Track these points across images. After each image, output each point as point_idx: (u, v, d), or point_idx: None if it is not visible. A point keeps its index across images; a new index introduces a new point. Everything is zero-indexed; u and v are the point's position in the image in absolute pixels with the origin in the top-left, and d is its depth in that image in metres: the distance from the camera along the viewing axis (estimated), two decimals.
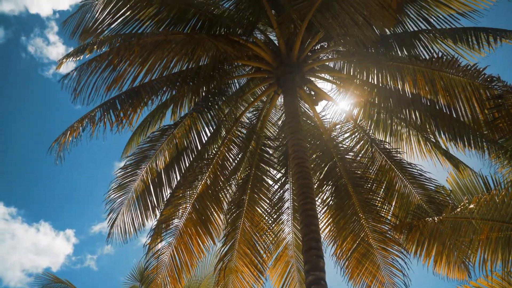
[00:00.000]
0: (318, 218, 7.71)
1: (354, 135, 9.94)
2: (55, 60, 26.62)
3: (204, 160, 9.52)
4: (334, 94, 9.97)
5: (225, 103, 9.66)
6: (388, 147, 9.81)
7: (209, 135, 9.54)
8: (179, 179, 9.50)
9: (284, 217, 10.23)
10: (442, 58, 7.93)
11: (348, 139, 9.99)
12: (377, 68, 8.74)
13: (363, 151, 9.92)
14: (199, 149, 9.46)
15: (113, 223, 9.57)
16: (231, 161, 9.79)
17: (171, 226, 9.41)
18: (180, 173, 9.50)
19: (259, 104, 10.19)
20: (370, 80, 9.02)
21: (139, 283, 14.79)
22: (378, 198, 9.69)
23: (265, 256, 9.98)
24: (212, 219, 9.55)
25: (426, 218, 7.27)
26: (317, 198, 9.77)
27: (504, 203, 6.29)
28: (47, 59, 27.94)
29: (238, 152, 9.88)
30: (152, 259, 9.43)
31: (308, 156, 8.73)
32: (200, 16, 8.59)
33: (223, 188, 9.67)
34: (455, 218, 6.63)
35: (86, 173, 29.37)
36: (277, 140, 10.33)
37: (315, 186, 9.69)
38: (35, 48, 27.42)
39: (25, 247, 30.75)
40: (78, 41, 8.80)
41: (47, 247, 31.26)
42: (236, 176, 9.98)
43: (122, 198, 9.54)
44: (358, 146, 9.96)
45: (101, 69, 7.20)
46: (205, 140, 9.53)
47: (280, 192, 10.09)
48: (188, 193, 9.43)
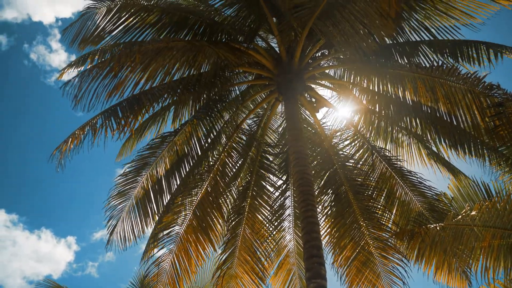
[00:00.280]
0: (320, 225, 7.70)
1: (355, 142, 9.95)
2: (57, 67, 26.80)
3: (205, 167, 9.51)
4: (335, 101, 10.00)
5: (226, 110, 9.67)
6: (389, 155, 9.81)
7: (210, 142, 9.54)
8: (180, 186, 9.47)
9: (286, 224, 10.22)
10: (443, 66, 7.96)
11: (349, 146, 10.00)
12: (378, 76, 8.76)
13: (364, 159, 9.92)
14: (200, 156, 9.44)
15: (113, 230, 9.53)
16: (232, 168, 9.78)
17: (172, 233, 9.38)
18: (181, 180, 9.47)
19: (260, 111, 10.21)
20: (371, 87, 9.05)
21: None
22: (379, 206, 9.68)
23: (266, 264, 9.94)
24: (213, 226, 9.51)
25: (428, 225, 7.26)
26: (318, 206, 9.75)
27: (506, 210, 6.30)
28: (50, 66, 28.05)
29: (239, 159, 9.88)
30: (153, 267, 9.39)
31: (309, 163, 8.72)
32: (201, 23, 8.63)
33: (224, 195, 9.65)
34: (457, 225, 6.63)
35: (88, 180, 29.37)
36: (278, 147, 10.33)
37: (316, 194, 9.67)
38: (38, 56, 27.53)
39: (26, 254, 30.66)
40: (78, 49, 8.84)
41: (48, 254, 31.18)
42: (237, 183, 9.97)
43: (122, 205, 9.50)
44: (359, 154, 9.97)
45: (102, 76, 7.20)
46: (206, 147, 9.52)
47: (281, 199, 10.08)
48: (189, 200, 9.41)
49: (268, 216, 9.99)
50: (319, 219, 9.54)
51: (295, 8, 7.81)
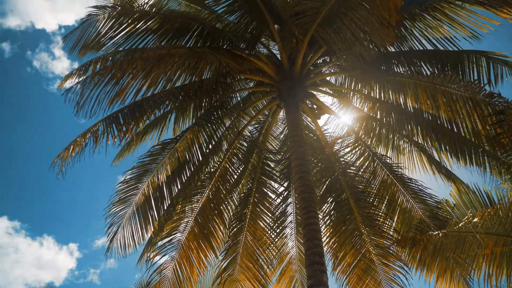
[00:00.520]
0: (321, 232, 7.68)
1: (356, 149, 9.96)
2: (60, 75, 26.89)
3: (206, 174, 9.50)
4: (336, 108, 10.01)
5: (227, 117, 9.67)
6: (390, 162, 9.80)
7: (211, 149, 9.52)
8: (181, 193, 9.44)
9: (287, 231, 10.20)
10: (444, 74, 7.99)
11: (350, 153, 10.00)
12: (379, 83, 8.79)
13: (365, 166, 9.92)
14: (201, 162, 9.42)
15: (113, 237, 9.47)
16: (233, 174, 9.77)
17: (174, 240, 9.34)
18: (182, 186, 9.44)
19: (261, 118, 10.21)
20: (372, 94, 9.07)
21: None
22: (380, 213, 9.66)
23: (269, 271, 9.89)
24: (215, 233, 9.48)
25: (430, 232, 7.24)
26: (319, 212, 9.73)
27: (509, 217, 6.28)
28: (52, 74, 28.09)
29: (240, 166, 9.87)
30: (155, 274, 9.31)
31: (311, 170, 8.71)
32: (203, 30, 8.63)
33: (225, 201, 9.62)
34: (459, 232, 6.61)
35: (90, 187, 29.32)
36: (279, 154, 10.33)
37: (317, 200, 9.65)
38: (41, 63, 27.60)
39: (28, 261, 30.52)
40: (78, 55, 8.84)
41: (50, 261, 31.03)
42: (238, 189, 9.95)
43: (123, 212, 9.46)
44: (360, 161, 9.97)
45: (104, 83, 7.22)
46: (207, 154, 9.51)
47: (283, 206, 10.06)
48: (190, 207, 9.38)
49: (270, 223, 9.97)
50: (321, 226, 9.54)
51: (297, 15, 7.85)
